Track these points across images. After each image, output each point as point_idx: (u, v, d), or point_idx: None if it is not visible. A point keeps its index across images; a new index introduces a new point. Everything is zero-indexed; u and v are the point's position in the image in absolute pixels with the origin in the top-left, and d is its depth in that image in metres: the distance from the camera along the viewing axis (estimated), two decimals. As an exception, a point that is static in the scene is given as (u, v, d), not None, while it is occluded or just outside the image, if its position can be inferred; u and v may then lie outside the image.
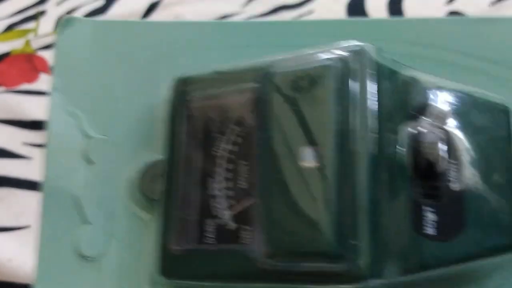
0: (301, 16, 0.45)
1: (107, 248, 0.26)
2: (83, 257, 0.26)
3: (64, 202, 0.27)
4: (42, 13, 0.62)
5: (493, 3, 0.42)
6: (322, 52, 0.23)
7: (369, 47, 0.22)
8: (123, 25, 0.30)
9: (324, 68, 0.22)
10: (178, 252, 0.24)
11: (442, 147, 0.23)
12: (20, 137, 0.52)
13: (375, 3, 0.45)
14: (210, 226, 0.24)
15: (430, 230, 0.22)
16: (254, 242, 0.22)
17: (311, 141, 0.21)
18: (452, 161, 0.23)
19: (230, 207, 0.24)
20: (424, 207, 0.22)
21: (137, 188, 0.27)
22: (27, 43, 0.61)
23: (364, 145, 0.21)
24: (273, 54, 0.24)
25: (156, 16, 0.52)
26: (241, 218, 0.23)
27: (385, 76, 0.23)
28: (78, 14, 0.58)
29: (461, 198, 0.23)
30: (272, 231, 0.21)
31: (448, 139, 0.23)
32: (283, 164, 0.22)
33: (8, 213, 0.48)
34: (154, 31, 0.29)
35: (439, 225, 0.22)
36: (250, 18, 0.46)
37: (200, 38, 0.29)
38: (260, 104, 0.23)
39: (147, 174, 0.27)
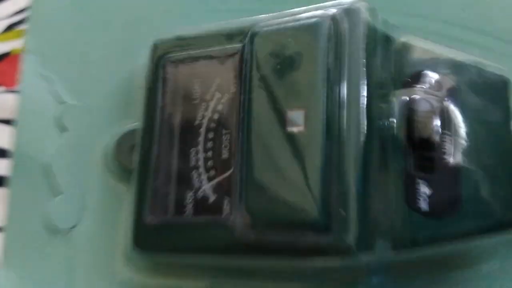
0: None
1: (79, 220, 0.25)
2: (54, 230, 0.25)
3: (35, 170, 0.26)
4: None
5: None
6: (310, 10, 0.21)
7: (362, 5, 0.21)
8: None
9: (312, 27, 0.20)
10: (153, 223, 0.22)
11: (437, 117, 0.21)
12: None
13: None
14: (188, 197, 0.23)
15: (423, 204, 0.21)
16: (234, 213, 0.21)
17: (298, 105, 0.20)
18: (447, 132, 0.21)
19: (210, 177, 0.22)
20: (417, 180, 0.21)
21: (112, 158, 0.25)
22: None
23: (354, 111, 0.20)
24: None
25: None
26: (221, 188, 0.22)
27: (378, 39, 0.21)
28: None
29: (456, 171, 0.21)
30: (252, 200, 0.20)
31: (444, 109, 0.22)
32: (267, 129, 0.20)
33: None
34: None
35: (432, 200, 0.21)
36: None
37: (181, 2, 0.27)
38: (242, 67, 0.22)
39: (124, 143, 0.25)
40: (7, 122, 0.53)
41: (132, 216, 0.23)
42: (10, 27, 0.61)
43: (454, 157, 0.21)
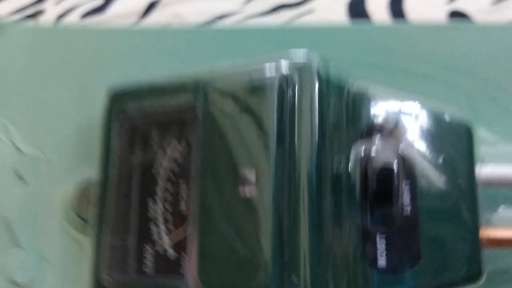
0: (301, 15, 0.44)
1: (40, 274, 0.24)
2: (14, 284, 0.24)
3: None
4: (40, 12, 0.56)
5: (494, 3, 0.41)
6: (262, 63, 0.21)
7: (314, 56, 0.20)
8: (57, 32, 0.27)
9: (264, 83, 0.20)
10: (110, 285, 0.22)
11: (394, 169, 0.21)
12: None
13: (376, 2, 0.44)
14: (148, 252, 0.22)
15: (381, 262, 0.20)
16: (191, 275, 0.20)
17: (250, 164, 0.19)
18: (406, 182, 0.21)
19: (168, 230, 0.22)
20: (374, 236, 0.20)
21: (72, 209, 0.25)
22: None
23: (306, 168, 0.19)
24: (213, 61, 0.22)
25: (156, 15, 0.51)
26: (180, 245, 0.22)
27: (332, 90, 0.20)
28: (77, 13, 0.56)
29: (414, 225, 0.21)
30: (204, 268, 0.19)
31: (402, 159, 0.21)
32: (220, 189, 0.20)
33: None
34: (90, 39, 0.27)
35: (390, 255, 0.20)
36: (250, 17, 0.44)
37: (139, 46, 0.27)
38: (196, 122, 0.21)
39: (82, 194, 0.25)
40: None
41: (90, 276, 0.23)
42: None
43: (412, 208, 0.21)
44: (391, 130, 0.21)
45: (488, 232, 0.22)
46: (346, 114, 0.21)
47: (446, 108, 0.23)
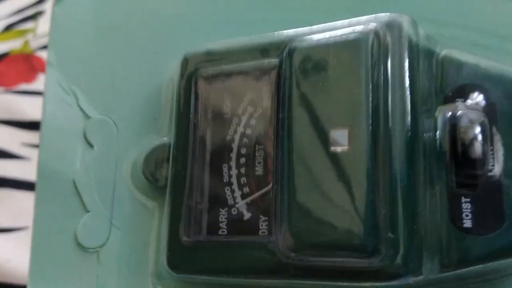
0: None
1: (107, 238, 0.24)
2: (81, 248, 0.24)
3: (61, 187, 0.25)
4: (41, 13, 0.61)
5: None
6: (350, 25, 0.21)
7: (403, 19, 0.20)
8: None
9: (354, 42, 0.20)
10: (187, 244, 0.22)
11: (480, 131, 0.21)
12: (18, 137, 0.51)
13: None
14: (223, 216, 0.22)
15: (468, 223, 0.20)
16: (274, 234, 0.20)
17: (341, 123, 0.19)
18: (491, 146, 0.21)
19: (244, 194, 0.22)
20: (461, 197, 0.20)
21: (140, 173, 0.24)
22: (26, 43, 0.60)
23: (399, 129, 0.19)
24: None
25: None
26: (256, 206, 0.21)
27: (420, 53, 0.20)
28: None
29: (499, 187, 0.21)
30: (296, 222, 0.19)
31: (487, 123, 0.21)
32: (310, 148, 0.20)
33: (6, 214, 0.48)
34: (160, 4, 0.27)
35: (477, 217, 0.20)
36: None
37: (210, 12, 0.27)
38: (279, 83, 0.21)
39: (152, 158, 0.24)
40: (6, 122, 0.52)
41: (165, 236, 0.22)
42: (8, 27, 0.61)
43: (497, 172, 0.21)
44: (476, 95, 0.21)
45: None
46: (434, 77, 0.21)
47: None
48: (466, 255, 0.20)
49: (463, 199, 0.20)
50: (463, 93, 0.21)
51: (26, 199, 0.47)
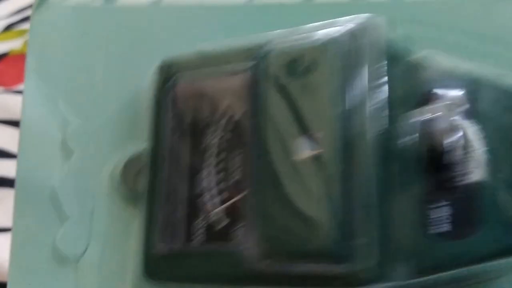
0: None
1: (87, 247, 0.24)
2: (61, 257, 0.24)
3: (40, 196, 0.25)
4: None
5: None
6: (325, 27, 0.20)
7: (380, 20, 0.20)
8: (104, 10, 0.27)
9: (330, 43, 0.19)
10: (163, 252, 0.22)
11: (455, 135, 0.20)
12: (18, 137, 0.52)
13: None
14: (199, 224, 0.22)
15: (444, 227, 0.20)
16: (247, 241, 0.20)
17: (312, 128, 0.19)
18: (466, 150, 0.21)
19: (220, 202, 0.22)
20: (436, 202, 0.20)
21: (120, 181, 0.25)
22: (26, 43, 0.55)
23: (373, 133, 0.19)
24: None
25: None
26: (233, 214, 0.21)
27: (397, 55, 0.20)
28: None
29: (477, 190, 0.20)
30: (267, 230, 0.19)
31: (462, 126, 0.21)
32: (281, 153, 0.19)
33: (7, 214, 0.43)
34: (137, 16, 0.27)
35: (453, 221, 0.20)
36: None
37: (186, 22, 0.27)
38: (252, 89, 0.21)
39: (131, 166, 0.25)
40: (6, 122, 0.52)
41: (142, 245, 0.22)
42: (8, 27, 0.60)
43: (473, 175, 0.21)
44: (450, 99, 0.21)
45: None
46: (411, 79, 0.21)
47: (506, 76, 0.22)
48: (442, 259, 0.20)
49: (439, 203, 0.20)
50: (439, 95, 0.21)
51: None
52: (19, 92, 0.54)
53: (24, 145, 0.25)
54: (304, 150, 0.19)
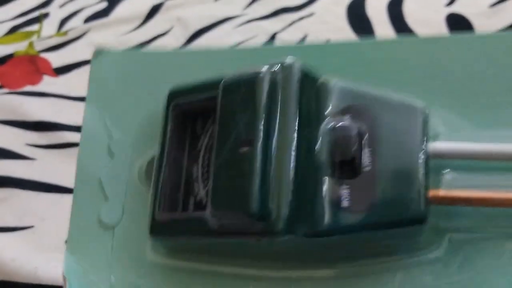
0: (301, 18, 0.45)
1: (120, 219, 0.34)
2: (103, 225, 0.34)
3: (91, 183, 0.35)
4: (45, 15, 0.61)
5: (493, 5, 0.42)
6: (263, 66, 0.29)
7: (298, 61, 0.29)
8: (140, 55, 0.39)
9: (256, 79, 0.28)
10: (165, 218, 0.31)
11: (356, 136, 0.28)
12: (23, 138, 0.51)
13: (375, 6, 0.45)
14: (191, 199, 0.31)
15: (345, 203, 0.27)
16: (208, 208, 0.28)
17: (247, 133, 0.28)
18: (367, 148, 0.28)
19: (204, 185, 0.31)
20: (340, 183, 0.28)
21: (145, 175, 0.34)
22: (30, 45, 0.59)
23: (288, 135, 0.27)
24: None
25: (159, 19, 0.52)
26: (207, 191, 0.29)
27: (308, 83, 0.28)
28: (80, 16, 0.57)
29: (372, 177, 0.27)
30: (216, 198, 0.28)
31: (364, 130, 0.28)
32: (226, 151, 0.28)
33: (11, 213, 0.47)
34: (164, 58, 0.38)
35: (352, 198, 0.27)
36: (250, 20, 0.46)
37: (202, 65, 0.37)
38: (218, 107, 0.30)
39: (151, 164, 0.34)
40: (11, 123, 0.51)
41: (149, 214, 0.32)
42: (13, 29, 0.61)
43: (371, 167, 0.28)
44: (355, 112, 0.29)
45: (435, 192, 0.28)
46: (321, 100, 0.29)
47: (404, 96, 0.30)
48: (341, 225, 0.27)
49: (342, 185, 0.28)
50: (345, 111, 0.30)
51: (31, 198, 0.47)
52: (24, 93, 0.54)
53: (83, 148, 0.36)
54: (241, 148, 0.28)
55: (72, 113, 0.50)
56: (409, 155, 0.28)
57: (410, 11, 0.44)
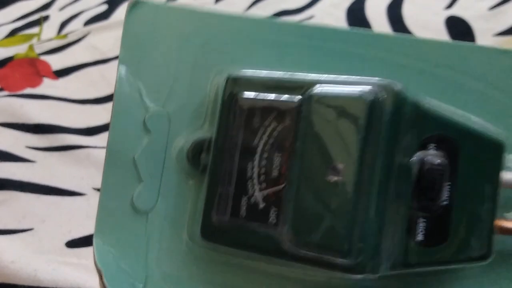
0: (301, 21, 0.47)
1: (155, 204, 0.31)
2: (135, 210, 0.31)
3: (123, 162, 0.31)
4: (45, 18, 0.63)
5: (492, 8, 0.43)
6: (358, 83, 0.27)
7: (395, 84, 0.27)
8: (183, 10, 0.33)
9: (356, 101, 0.26)
10: (215, 221, 0.29)
11: (441, 170, 0.28)
12: (23, 140, 0.52)
13: (374, 9, 0.46)
14: (244, 202, 0.29)
15: (420, 237, 0.27)
16: (279, 225, 0.27)
17: (339, 160, 0.26)
18: (448, 182, 0.28)
19: (261, 188, 0.29)
20: (418, 219, 0.27)
21: (185, 157, 0.31)
22: (31, 47, 0.61)
23: (379, 169, 0.26)
24: (319, 56, 0.30)
25: None
26: (267, 200, 0.28)
27: (406, 109, 0.27)
28: (81, 19, 0.58)
29: (448, 214, 0.27)
30: (300, 227, 0.26)
31: (447, 164, 0.28)
32: (314, 175, 0.26)
33: (11, 215, 0.48)
34: (208, 20, 0.33)
35: (428, 233, 0.27)
36: None
37: (248, 32, 0.32)
38: (300, 117, 0.28)
39: (196, 148, 0.31)
40: (11, 126, 0.52)
41: (201, 213, 0.30)
42: (13, 32, 0.63)
43: (449, 202, 0.28)
44: (442, 142, 0.28)
45: (500, 222, 0.28)
46: (413, 128, 0.27)
47: (485, 126, 0.29)
48: (415, 260, 0.27)
49: (420, 220, 0.28)
50: (435, 140, 0.28)
51: (31, 201, 0.48)
52: (24, 96, 0.55)
53: (114, 123, 0.31)
54: (331, 175, 0.26)
55: (72, 116, 0.50)
56: (482, 191, 0.28)
57: (410, 14, 0.45)
